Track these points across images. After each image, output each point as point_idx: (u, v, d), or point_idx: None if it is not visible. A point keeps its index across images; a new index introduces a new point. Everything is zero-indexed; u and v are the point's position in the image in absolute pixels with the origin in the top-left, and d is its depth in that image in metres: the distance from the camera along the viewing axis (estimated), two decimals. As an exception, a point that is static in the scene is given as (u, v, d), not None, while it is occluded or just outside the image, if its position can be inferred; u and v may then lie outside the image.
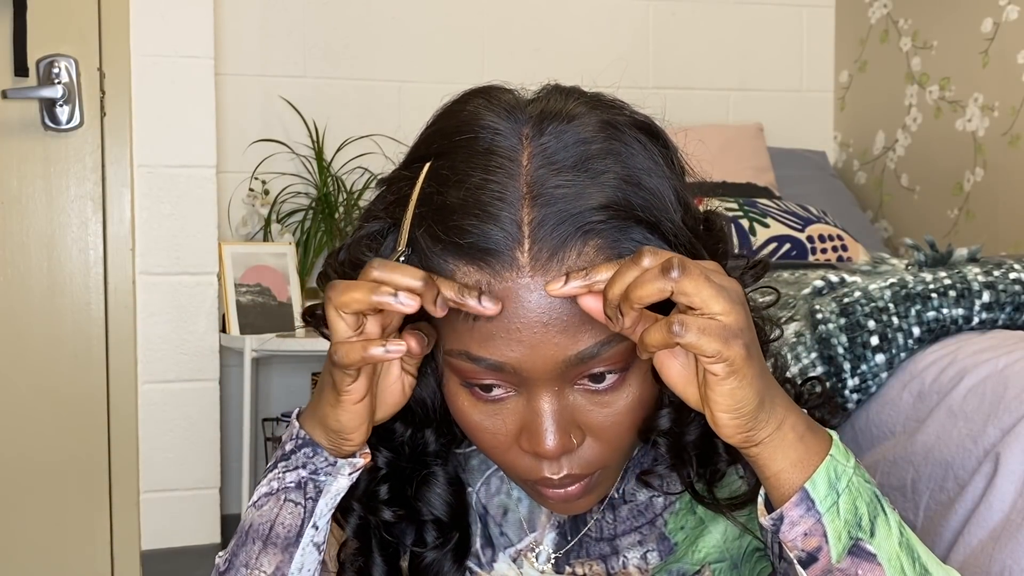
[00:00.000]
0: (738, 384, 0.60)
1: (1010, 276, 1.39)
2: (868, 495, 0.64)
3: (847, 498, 0.63)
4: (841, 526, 0.63)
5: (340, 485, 0.74)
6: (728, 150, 2.75)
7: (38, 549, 2.16)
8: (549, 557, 0.84)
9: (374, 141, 2.64)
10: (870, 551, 0.63)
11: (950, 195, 2.77)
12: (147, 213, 2.22)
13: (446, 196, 0.68)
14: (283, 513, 0.75)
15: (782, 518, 0.64)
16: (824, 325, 1.41)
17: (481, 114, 0.71)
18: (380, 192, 0.75)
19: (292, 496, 0.75)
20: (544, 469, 0.71)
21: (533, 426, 0.69)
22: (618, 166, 0.68)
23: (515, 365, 0.67)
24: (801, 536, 0.63)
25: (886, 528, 0.64)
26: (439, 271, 0.68)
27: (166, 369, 2.25)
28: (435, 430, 0.79)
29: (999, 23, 2.60)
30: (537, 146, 0.69)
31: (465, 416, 0.73)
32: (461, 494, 0.82)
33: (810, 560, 0.64)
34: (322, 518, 0.75)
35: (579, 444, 0.71)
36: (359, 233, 0.74)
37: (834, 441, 0.65)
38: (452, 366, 0.71)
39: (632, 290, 0.60)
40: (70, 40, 2.12)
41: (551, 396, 0.69)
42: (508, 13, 2.84)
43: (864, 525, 0.63)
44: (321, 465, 0.74)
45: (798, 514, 0.63)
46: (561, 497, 0.73)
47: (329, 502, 0.75)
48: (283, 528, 0.75)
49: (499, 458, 0.74)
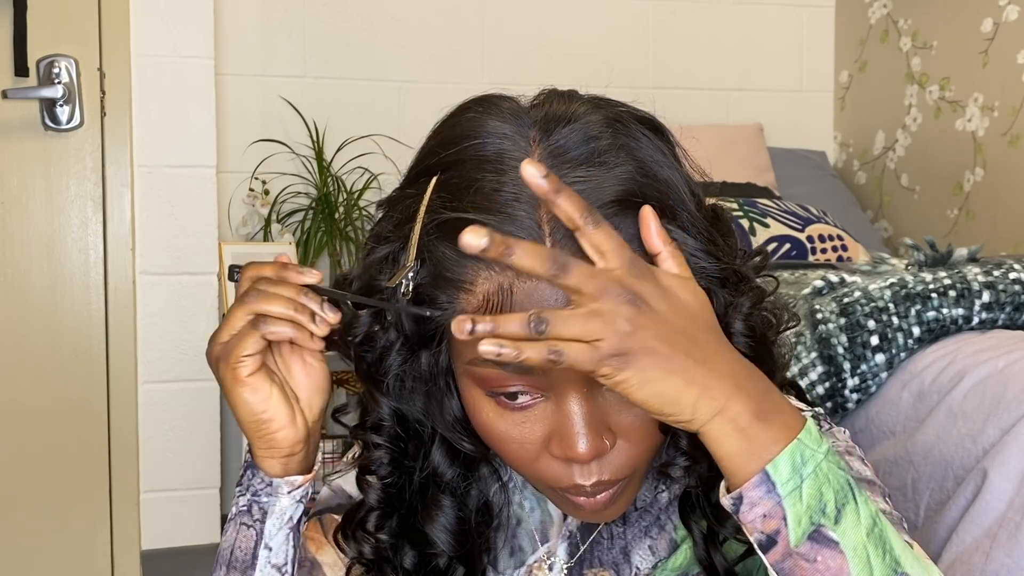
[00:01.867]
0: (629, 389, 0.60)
1: (1010, 276, 1.39)
2: (839, 482, 0.64)
3: (812, 483, 0.63)
4: (803, 510, 0.62)
5: (283, 504, 0.75)
6: (728, 150, 2.75)
7: (38, 549, 2.16)
8: (562, 568, 0.83)
9: (374, 141, 2.64)
10: (832, 538, 0.62)
11: (950, 195, 2.77)
12: (147, 213, 2.22)
13: (460, 204, 0.68)
14: (239, 537, 0.76)
15: (741, 498, 0.63)
16: (824, 325, 1.41)
17: (484, 121, 0.71)
18: (385, 213, 0.74)
19: (244, 519, 0.76)
20: (576, 475, 0.70)
21: (564, 430, 0.69)
22: (630, 159, 0.69)
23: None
24: (760, 518, 0.63)
25: (854, 517, 0.63)
26: (459, 280, 0.67)
27: (166, 369, 2.25)
28: (446, 454, 0.77)
29: (999, 23, 2.60)
30: (547, 146, 0.69)
31: (490, 428, 0.71)
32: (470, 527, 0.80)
33: (769, 543, 0.63)
34: (273, 539, 0.75)
35: (611, 447, 0.70)
36: (371, 257, 0.73)
37: (806, 427, 0.64)
38: (475, 375, 0.70)
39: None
40: (70, 40, 2.12)
41: (580, 398, 0.68)
42: (508, 13, 2.84)
43: (828, 511, 0.63)
44: (260, 487, 0.75)
45: (757, 495, 0.63)
46: (592, 506, 0.72)
47: (276, 523, 0.75)
48: (240, 552, 0.76)
49: (527, 469, 0.73)
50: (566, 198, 0.60)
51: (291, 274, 0.72)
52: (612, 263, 0.60)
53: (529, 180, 0.59)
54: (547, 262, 0.58)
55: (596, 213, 0.61)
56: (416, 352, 0.73)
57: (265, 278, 0.72)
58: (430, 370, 0.73)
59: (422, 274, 0.69)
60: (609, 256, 0.61)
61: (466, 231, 0.57)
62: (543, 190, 0.59)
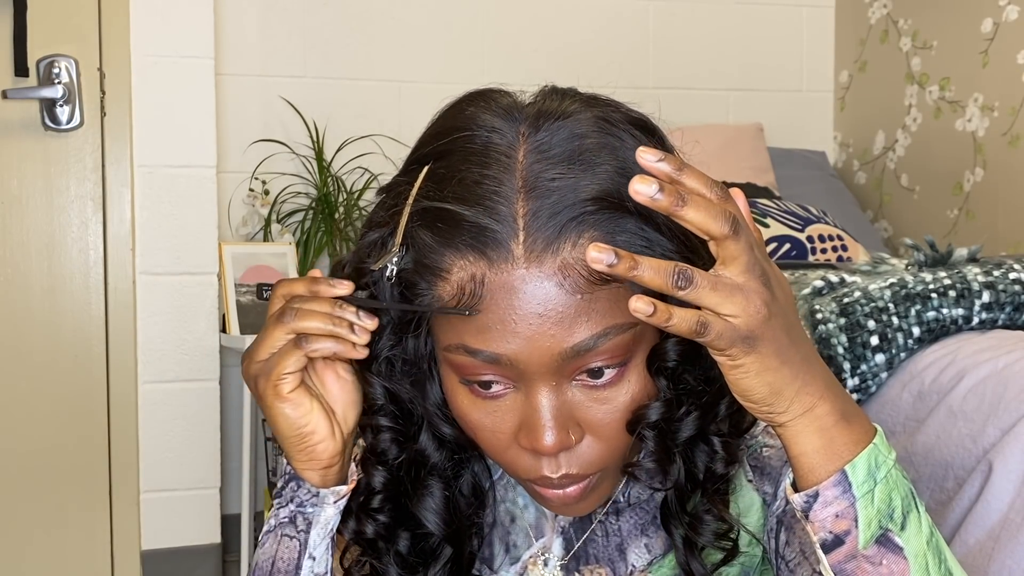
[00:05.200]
0: (744, 375, 0.61)
1: (1010, 276, 1.39)
2: (904, 490, 0.65)
3: (883, 488, 0.64)
4: (873, 514, 0.64)
5: (328, 515, 0.76)
6: (728, 150, 2.75)
7: (38, 549, 2.16)
8: (557, 564, 0.83)
9: (374, 141, 2.64)
10: (898, 544, 0.64)
11: (950, 195, 2.77)
12: (147, 213, 2.22)
13: (443, 193, 0.69)
14: (281, 548, 0.77)
15: (817, 495, 0.64)
16: (824, 325, 1.41)
17: (478, 115, 0.72)
18: (381, 199, 0.76)
19: (287, 531, 0.77)
20: (543, 467, 0.71)
21: (531, 422, 0.70)
22: (612, 159, 0.69)
23: (512, 357, 0.67)
24: (832, 517, 0.64)
25: (917, 525, 0.65)
26: (436, 267, 0.68)
27: (166, 369, 2.25)
28: (434, 439, 0.79)
29: (999, 23, 2.60)
30: (533, 142, 0.69)
31: (465, 414, 0.73)
32: (458, 509, 0.81)
33: (835, 543, 0.64)
34: (317, 548, 0.76)
35: (578, 442, 0.71)
36: (363, 241, 0.74)
37: (878, 432, 0.66)
38: (450, 362, 0.71)
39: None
40: (70, 40, 2.12)
41: (549, 391, 0.69)
42: (508, 13, 2.84)
43: (896, 517, 0.64)
44: (306, 498, 0.76)
45: (833, 495, 0.64)
46: (560, 499, 0.73)
47: (321, 532, 0.76)
48: (283, 563, 0.76)
49: (500, 457, 0.74)
50: (689, 175, 0.59)
51: (323, 288, 0.73)
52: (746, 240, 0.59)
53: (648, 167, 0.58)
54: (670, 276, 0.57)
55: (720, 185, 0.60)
56: (403, 335, 0.74)
57: (298, 296, 0.73)
58: (416, 353, 0.75)
59: (406, 260, 0.70)
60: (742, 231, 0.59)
61: (591, 246, 0.56)
62: (664, 172, 0.58)
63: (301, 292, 0.73)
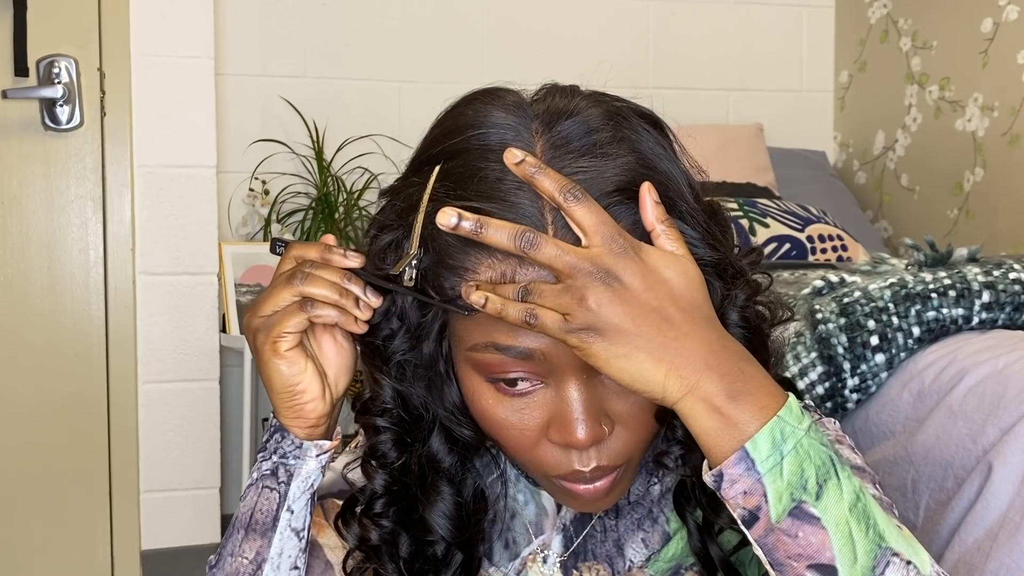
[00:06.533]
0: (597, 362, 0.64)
1: (1010, 276, 1.39)
2: (820, 458, 0.64)
3: (793, 459, 0.63)
4: (783, 487, 0.63)
5: (310, 467, 0.77)
6: (728, 150, 2.75)
7: (38, 549, 2.16)
8: (556, 560, 0.83)
9: (374, 141, 2.64)
10: (813, 514, 0.63)
11: (950, 195, 2.77)
12: (147, 213, 2.22)
13: (464, 193, 0.68)
14: (261, 500, 0.77)
15: (722, 475, 0.64)
16: (824, 325, 1.41)
17: (488, 112, 0.72)
18: (388, 202, 0.75)
19: (268, 483, 0.77)
20: (575, 461, 0.71)
21: (563, 416, 0.70)
22: (631, 151, 0.70)
23: (545, 352, 0.68)
24: (741, 495, 0.64)
25: (837, 493, 0.64)
26: (461, 267, 0.68)
27: (166, 369, 2.25)
28: (445, 441, 0.78)
29: (999, 23, 2.60)
30: (548, 138, 0.69)
31: (490, 414, 0.72)
32: (467, 514, 0.80)
33: (752, 519, 0.64)
34: (296, 501, 0.77)
35: (609, 433, 0.71)
36: (375, 245, 0.74)
37: (787, 404, 0.65)
38: (476, 362, 0.71)
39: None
40: (70, 40, 2.12)
41: (580, 384, 0.69)
42: (508, 13, 2.84)
43: (810, 488, 0.63)
44: (289, 449, 0.77)
45: (737, 472, 0.64)
46: (590, 493, 0.73)
47: (301, 485, 0.77)
48: (261, 514, 0.77)
49: (525, 456, 0.73)
50: (546, 176, 0.65)
51: (335, 257, 0.74)
52: (593, 240, 0.64)
53: (510, 163, 0.65)
54: (516, 239, 0.63)
55: (578, 189, 0.64)
56: (419, 339, 0.74)
57: (310, 260, 0.74)
58: (432, 356, 0.75)
59: (425, 261, 0.70)
60: (590, 233, 0.64)
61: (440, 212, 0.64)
62: (523, 171, 0.65)
63: (313, 257, 0.74)
